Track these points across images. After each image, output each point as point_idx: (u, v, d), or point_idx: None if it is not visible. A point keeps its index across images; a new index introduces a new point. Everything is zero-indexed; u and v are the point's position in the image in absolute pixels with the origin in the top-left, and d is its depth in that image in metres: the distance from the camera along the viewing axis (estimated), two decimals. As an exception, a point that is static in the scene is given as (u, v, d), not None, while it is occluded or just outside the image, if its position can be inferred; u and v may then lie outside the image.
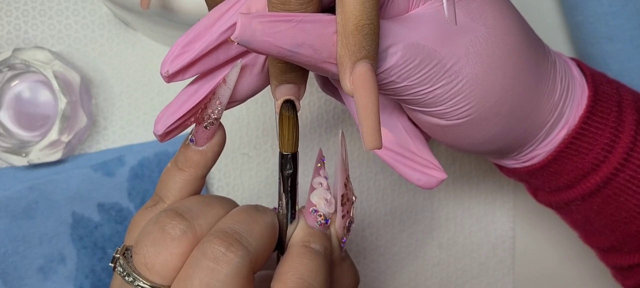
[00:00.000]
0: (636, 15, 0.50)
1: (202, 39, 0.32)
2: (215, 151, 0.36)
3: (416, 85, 0.33)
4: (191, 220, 0.33)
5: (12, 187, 0.48)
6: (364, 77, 0.29)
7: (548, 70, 0.38)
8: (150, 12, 0.43)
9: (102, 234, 0.49)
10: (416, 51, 0.32)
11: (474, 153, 0.40)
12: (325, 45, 0.30)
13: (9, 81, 0.49)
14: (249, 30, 0.28)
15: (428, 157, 0.39)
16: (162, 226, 0.33)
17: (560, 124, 0.39)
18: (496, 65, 0.34)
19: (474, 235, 0.58)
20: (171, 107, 0.34)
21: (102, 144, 0.52)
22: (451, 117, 0.35)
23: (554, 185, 0.41)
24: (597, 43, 0.51)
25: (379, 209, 0.56)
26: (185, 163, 0.35)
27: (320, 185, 0.36)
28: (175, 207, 0.34)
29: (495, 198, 0.58)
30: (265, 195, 0.54)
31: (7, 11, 0.50)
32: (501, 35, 0.35)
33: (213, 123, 0.34)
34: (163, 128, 0.34)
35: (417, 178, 0.39)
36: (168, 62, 0.32)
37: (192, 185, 0.36)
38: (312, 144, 0.55)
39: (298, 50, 0.29)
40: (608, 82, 0.41)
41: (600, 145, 0.39)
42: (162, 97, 0.53)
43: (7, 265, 0.46)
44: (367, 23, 0.29)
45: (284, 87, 0.34)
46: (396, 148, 0.39)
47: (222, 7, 0.32)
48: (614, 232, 0.41)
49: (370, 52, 0.29)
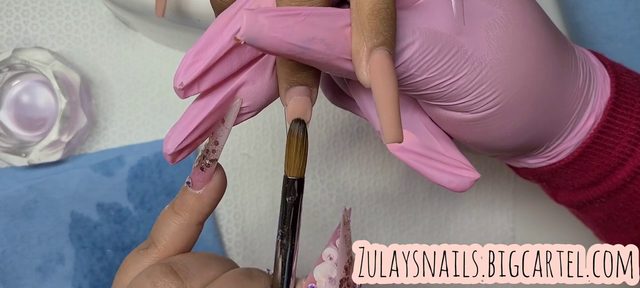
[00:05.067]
0: (636, 15, 0.50)
1: (214, 45, 0.30)
2: (213, 196, 0.34)
3: (437, 76, 0.31)
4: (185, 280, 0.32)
5: (12, 186, 0.48)
6: (381, 64, 0.27)
7: (569, 55, 0.36)
8: (152, 13, 0.43)
9: (101, 234, 0.49)
10: (435, 39, 0.30)
11: (501, 150, 0.37)
12: (338, 40, 0.28)
13: (9, 81, 0.49)
14: (256, 26, 0.27)
15: (457, 157, 0.36)
16: (155, 281, 0.31)
17: (587, 111, 0.37)
18: (518, 48, 0.32)
19: (474, 235, 0.58)
20: (180, 124, 0.32)
21: (102, 144, 0.52)
22: (477, 109, 0.33)
23: (579, 183, 0.40)
24: (597, 43, 0.51)
25: (379, 209, 0.56)
26: (181, 207, 0.34)
27: (329, 258, 0.33)
28: (172, 263, 0.32)
29: (495, 198, 0.58)
30: (265, 195, 0.54)
31: (7, 11, 0.50)
32: (520, 16, 0.33)
33: (209, 164, 0.33)
34: (174, 146, 0.31)
35: (448, 181, 0.35)
36: (181, 73, 0.30)
37: (186, 232, 0.34)
38: (313, 144, 0.55)
39: (309, 46, 0.28)
40: (627, 72, 0.39)
41: (626, 138, 0.37)
42: (162, 98, 0.53)
43: (6, 264, 0.46)
44: (383, 7, 0.28)
45: (295, 90, 0.32)
46: (421, 150, 0.35)
47: (231, 10, 0.31)
48: (638, 228, 0.40)
49: (387, 38, 0.28)
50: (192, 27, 0.44)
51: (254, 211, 0.54)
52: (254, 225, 0.54)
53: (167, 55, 0.53)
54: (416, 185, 0.56)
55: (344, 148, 0.55)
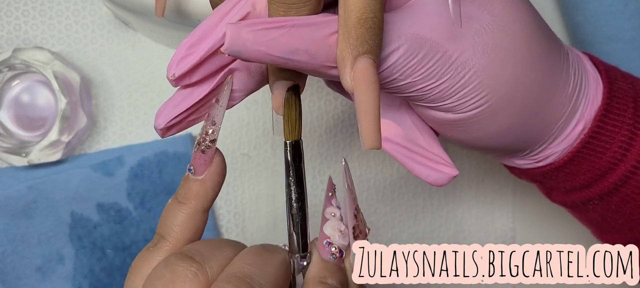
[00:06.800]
0: (636, 15, 0.50)
1: (208, 39, 0.31)
2: (215, 180, 0.34)
3: (420, 80, 0.32)
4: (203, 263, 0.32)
5: (12, 186, 0.48)
6: (364, 72, 0.28)
7: (561, 61, 0.36)
8: (152, 13, 0.43)
9: (100, 234, 0.49)
10: (419, 45, 0.31)
11: (485, 149, 0.38)
12: (322, 49, 0.29)
13: (9, 81, 0.49)
14: (240, 40, 0.27)
15: (438, 152, 0.37)
16: (173, 269, 0.31)
17: (574, 119, 0.37)
18: (505, 54, 0.33)
19: (474, 235, 0.58)
20: (173, 100, 0.32)
21: (102, 144, 0.52)
22: (460, 110, 0.34)
23: (570, 186, 0.40)
24: (597, 43, 0.51)
25: (379, 209, 0.56)
26: (185, 196, 0.34)
27: (333, 215, 0.34)
28: (185, 251, 0.32)
29: (495, 198, 0.58)
30: (265, 195, 0.54)
31: (7, 11, 0.50)
32: (509, 23, 0.33)
33: (209, 146, 0.33)
34: (165, 121, 0.32)
35: (427, 174, 0.37)
36: (174, 64, 0.31)
37: (194, 220, 0.34)
38: (313, 144, 0.55)
39: (292, 57, 0.28)
40: (623, 77, 0.39)
41: (617, 144, 0.37)
42: (162, 98, 0.53)
43: (6, 264, 0.46)
44: (370, 16, 0.28)
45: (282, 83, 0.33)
46: (405, 143, 0.37)
47: (226, 5, 0.31)
48: (632, 229, 0.40)
49: (372, 46, 0.28)
50: (192, 27, 0.44)
51: (254, 211, 0.54)
52: (254, 225, 0.54)
53: (167, 55, 0.53)
54: (416, 186, 0.56)
55: (344, 148, 0.55)
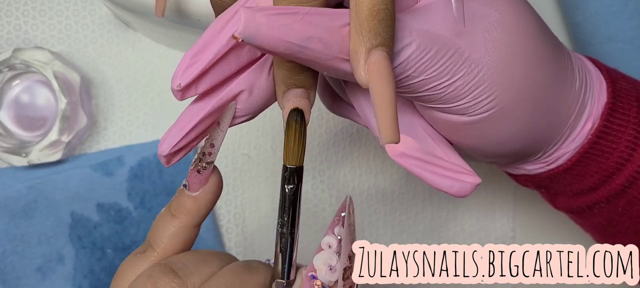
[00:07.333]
0: (636, 15, 0.50)
1: (211, 47, 0.30)
2: (209, 198, 0.34)
3: (434, 77, 0.31)
4: (185, 278, 0.32)
5: (12, 186, 0.48)
6: (379, 65, 0.27)
7: (565, 59, 0.36)
8: (152, 13, 0.43)
9: (100, 234, 0.49)
10: (432, 41, 0.30)
11: (498, 156, 0.37)
12: (335, 39, 0.28)
13: (9, 81, 0.49)
14: (254, 24, 0.27)
15: (457, 162, 0.35)
16: (155, 282, 0.32)
17: (584, 116, 0.37)
18: (515, 51, 0.33)
19: (474, 235, 0.58)
20: (176, 126, 0.32)
21: (102, 144, 0.52)
22: (474, 111, 0.33)
23: (577, 189, 0.40)
24: (597, 43, 0.51)
25: (379, 209, 0.56)
26: (177, 210, 0.34)
27: (329, 246, 0.33)
28: (170, 262, 0.33)
29: (495, 198, 0.58)
30: (265, 195, 0.54)
31: (7, 11, 0.50)
32: (515, 20, 0.33)
33: (206, 167, 0.33)
34: (168, 147, 0.32)
35: (449, 186, 0.35)
36: (178, 75, 0.30)
37: (183, 234, 0.34)
38: (313, 144, 0.55)
39: (307, 45, 0.28)
40: (624, 78, 0.39)
41: (624, 143, 0.37)
42: (162, 98, 0.53)
43: (6, 264, 0.46)
44: (382, 8, 0.28)
45: (293, 93, 0.32)
46: (421, 155, 0.35)
47: (229, 12, 0.31)
48: (638, 232, 0.40)
49: (386, 38, 0.28)
50: (192, 27, 0.44)
51: (254, 211, 0.54)
52: (254, 225, 0.54)
53: (167, 55, 0.53)
54: (416, 186, 0.57)
55: (344, 149, 0.55)
